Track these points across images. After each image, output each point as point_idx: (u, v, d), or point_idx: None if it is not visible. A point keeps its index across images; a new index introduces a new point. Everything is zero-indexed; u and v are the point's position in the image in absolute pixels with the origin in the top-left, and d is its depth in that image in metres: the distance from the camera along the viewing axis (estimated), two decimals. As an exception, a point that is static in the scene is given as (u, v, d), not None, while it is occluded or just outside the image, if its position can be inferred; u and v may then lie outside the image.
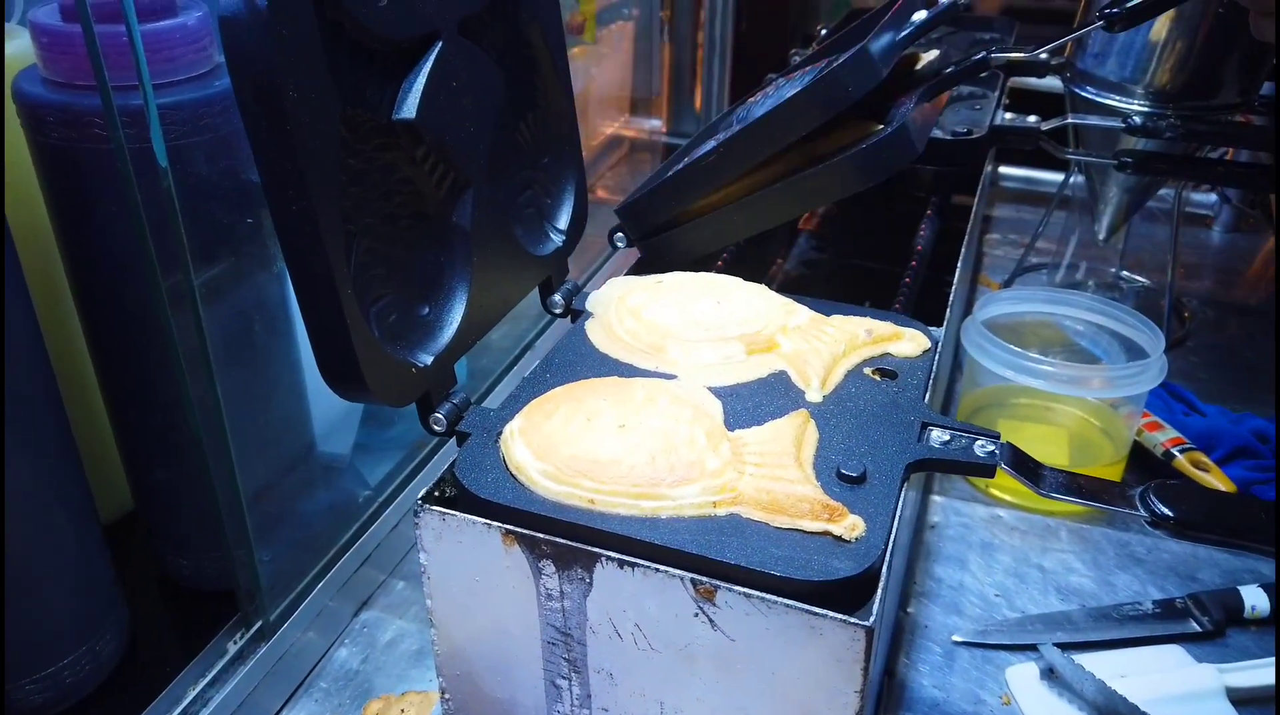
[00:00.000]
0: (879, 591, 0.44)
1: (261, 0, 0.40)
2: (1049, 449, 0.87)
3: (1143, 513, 0.49)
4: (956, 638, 0.71)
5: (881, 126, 0.64)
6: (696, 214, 0.67)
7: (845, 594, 0.44)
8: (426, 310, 0.55)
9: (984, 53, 0.76)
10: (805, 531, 0.46)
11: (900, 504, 0.49)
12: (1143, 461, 0.87)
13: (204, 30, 0.55)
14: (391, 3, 0.47)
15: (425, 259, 0.55)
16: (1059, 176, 1.23)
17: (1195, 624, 0.72)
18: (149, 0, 0.53)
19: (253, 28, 0.41)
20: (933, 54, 0.75)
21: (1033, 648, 0.70)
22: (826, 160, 0.61)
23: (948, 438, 0.53)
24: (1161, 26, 0.95)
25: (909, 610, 0.73)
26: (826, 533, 0.46)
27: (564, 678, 0.52)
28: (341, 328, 0.46)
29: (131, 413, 0.65)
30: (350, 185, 0.48)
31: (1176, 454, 0.84)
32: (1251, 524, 0.49)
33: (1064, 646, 0.69)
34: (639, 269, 0.72)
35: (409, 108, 0.50)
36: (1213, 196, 1.39)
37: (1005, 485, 0.85)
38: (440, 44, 0.52)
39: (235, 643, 0.63)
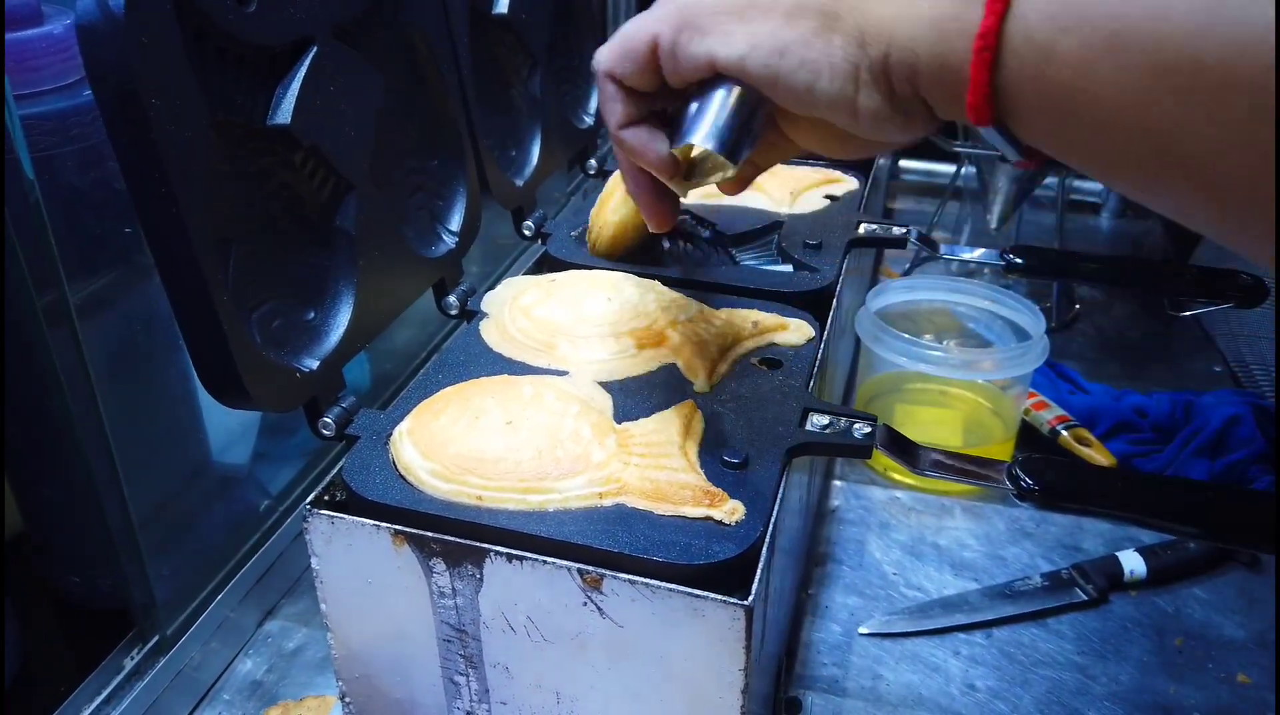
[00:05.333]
0: (759, 572, 0.46)
1: (119, 7, 0.40)
2: (943, 431, 0.90)
3: (1010, 486, 0.52)
4: (863, 629, 0.73)
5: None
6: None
7: (727, 576, 0.45)
8: (312, 315, 0.55)
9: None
10: (688, 518, 0.48)
11: (781, 487, 0.50)
12: (1032, 440, 0.91)
13: (71, 39, 0.54)
14: (259, 9, 0.47)
15: (309, 263, 0.55)
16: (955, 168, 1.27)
17: (1081, 593, 0.76)
18: (12, 10, 0.52)
19: (111, 35, 0.40)
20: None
21: (935, 632, 0.72)
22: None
23: (827, 422, 0.55)
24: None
25: (809, 592, 0.75)
26: (708, 518, 0.48)
27: (462, 674, 0.52)
28: (219, 335, 0.46)
29: (15, 431, 0.64)
30: (224, 191, 0.48)
31: (1062, 431, 0.88)
32: (1109, 493, 0.51)
33: (965, 628, 0.73)
34: (537, 269, 0.73)
35: (283, 113, 0.50)
36: (1100, 184, 1.45)
37: (902, 468, 0.87)
38: (315, 49, 0.52)
39: (132, 658, 0.62)
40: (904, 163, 1.54)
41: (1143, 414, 0.92)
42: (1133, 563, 0.76)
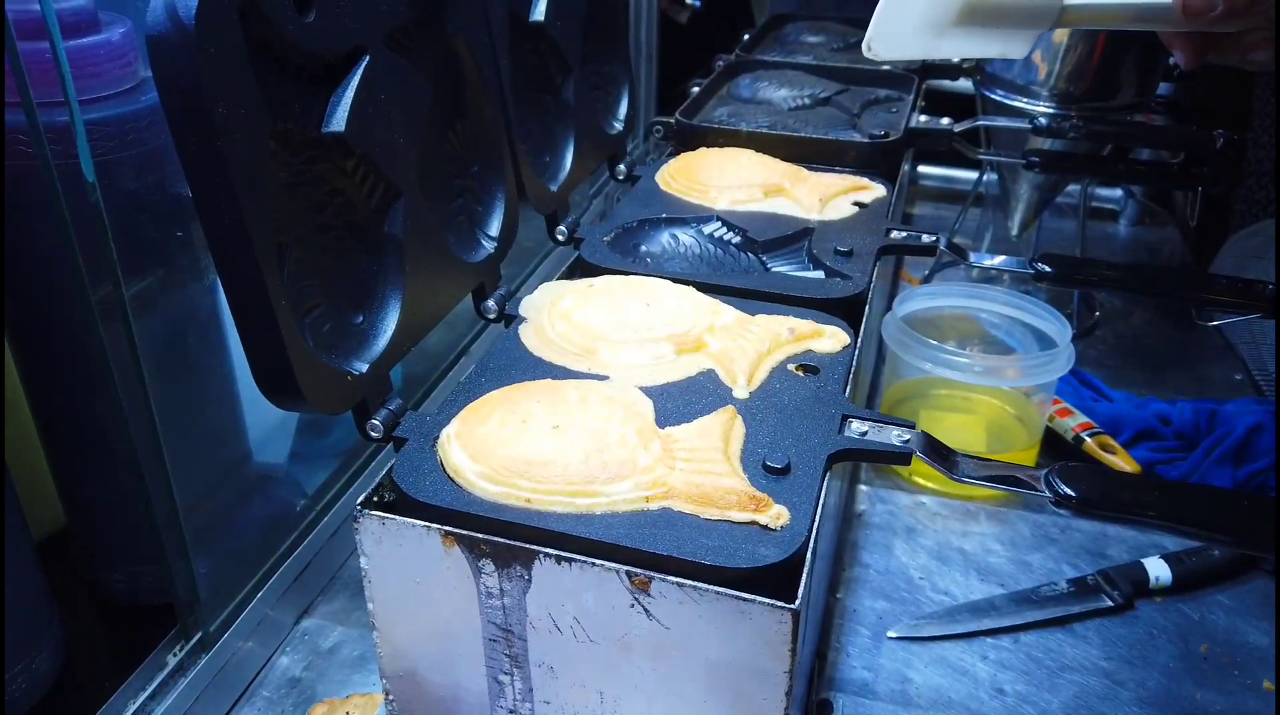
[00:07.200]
0: (804, 576, 0.46)
1: (189, 19, 0.41)
2: (967, 437, 0.91)
3: (1047, 493, 0.52)
4: (891, 633, 0.73)
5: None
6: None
7: (773, 579, 0.46)
8: (360, 319, 0.56)
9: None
10: (733, 522, 0.49)
11: (823, 493, 0.51)
12: (1055, 446, 0.91)
13: (129, 45, 0.55)
14: (318, 19, 0.48)
15: (358, 268, 0.56)
16: (975, 175, 1.28)
17: (1107, 599, 0.76)
18: (72, 16, 0.53)
19: (180, 46, 0.41)
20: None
21: (963, 637, 0.73)
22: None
23: (866, 429, 0.56)
24: (1064, 32, 0.99)
25: (838, 596, 0.76)
26: (753, 522, 0.48)
27: (506, 673, 0.53)
28: (276, 338, 0.47)
29: (62, 429, 0.65)
30: (281, 197, 0.49)
31: (1086, 438, 0.89)
32: (1143, 500, 0.52)
33: (992, 632, 0.73)
34: (570, 274, 0.74)
35: (338, 121, 0.51)
36: (1119, 192, 1.46)
37: (927, 473, 0.88)
38: (367, 58, 0.53)
39: (175, 655, 0.63)
40: (922, 168, 1.55)
41: (1166, 422, 0.92)
42: (1158, 569, 0.77)
